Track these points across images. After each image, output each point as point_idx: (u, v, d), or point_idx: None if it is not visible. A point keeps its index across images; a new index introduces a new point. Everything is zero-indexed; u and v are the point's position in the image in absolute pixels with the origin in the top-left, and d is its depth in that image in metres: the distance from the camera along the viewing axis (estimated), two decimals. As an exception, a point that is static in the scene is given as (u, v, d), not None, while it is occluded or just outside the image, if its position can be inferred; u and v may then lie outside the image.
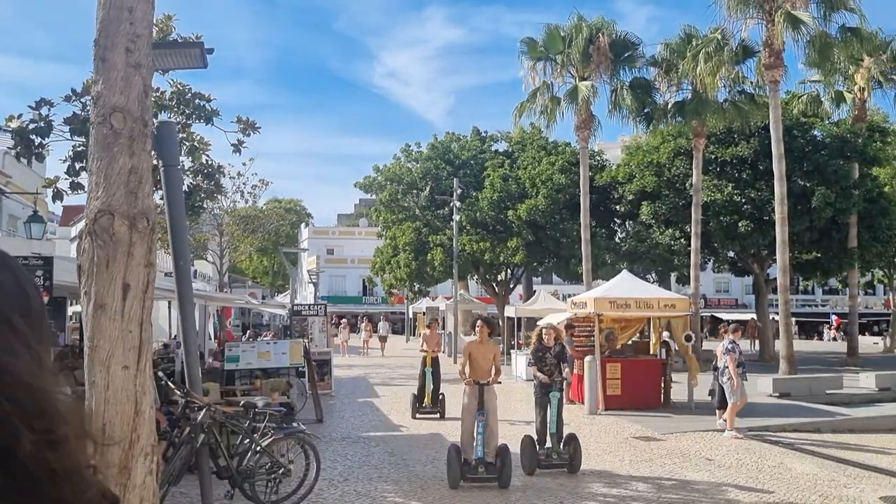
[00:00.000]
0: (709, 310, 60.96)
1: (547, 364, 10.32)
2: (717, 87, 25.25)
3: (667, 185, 30.38)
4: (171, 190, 5.96)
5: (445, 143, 37.22)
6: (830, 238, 30.18)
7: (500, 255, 32.49)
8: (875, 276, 47.53)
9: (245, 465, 7.43)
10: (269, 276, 79.88)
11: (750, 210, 28.53)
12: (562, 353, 10.67)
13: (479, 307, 40.49)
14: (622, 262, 28.98)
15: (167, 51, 6.37)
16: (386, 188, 36.21)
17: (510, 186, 32.20)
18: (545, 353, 10.42)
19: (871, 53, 29.94)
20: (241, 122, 10.46)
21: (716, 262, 36.63)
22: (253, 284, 76.34)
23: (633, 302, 16.54)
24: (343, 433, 12.87)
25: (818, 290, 64.60)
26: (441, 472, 9.29)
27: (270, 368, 14.03)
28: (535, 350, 10.73)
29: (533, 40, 27.90)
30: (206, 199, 12.76)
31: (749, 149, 29.06)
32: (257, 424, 7.85)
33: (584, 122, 27.50)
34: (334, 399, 17.62)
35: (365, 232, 66.47)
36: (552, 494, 8.68)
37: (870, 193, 30.23)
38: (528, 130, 35.65)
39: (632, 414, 15.06)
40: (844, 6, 23.79)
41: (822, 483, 9.38)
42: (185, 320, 6.51)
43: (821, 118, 31.98)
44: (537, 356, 10.57)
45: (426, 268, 34.55)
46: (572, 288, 38.96)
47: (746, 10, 24.14)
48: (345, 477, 9.38)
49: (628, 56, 27.38)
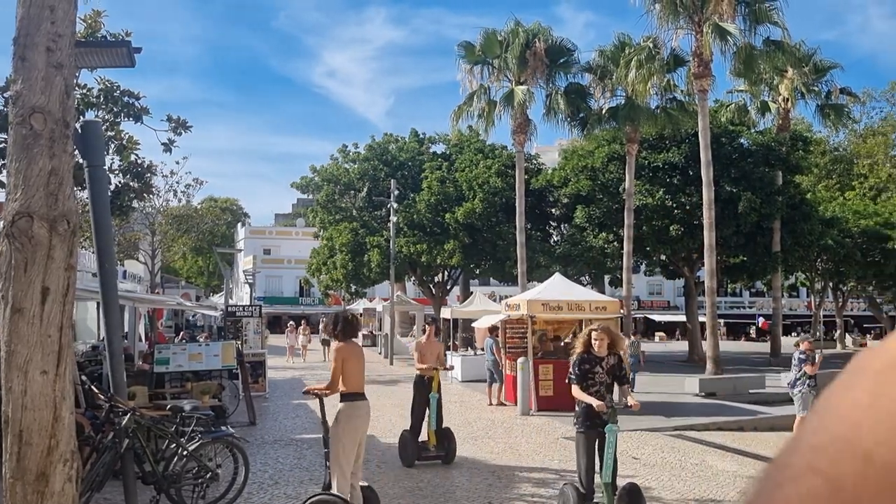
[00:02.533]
0: (642, 312, 62.41)
1: (596, 382, 7.32)
2: (649, 94, 25.91)
3: (601, 190, 30.98)
4: (97, 190, 5.87)
5: (383, 144, 37.20)
6: (756, 242, 31.21)
7: (436, 257, 32.63)
8: (798, 279, 49.37)
9: (171, 470, 7.34)
10: (205, 277, 78.46)
11: (680, 214, 29.31)
12: (619, 367, 7.48)
13: (416, 308, 40.69)
14: (557, 265, 29.43)
15: (93, 49, 6.26)
16: (323, 188, 35.99)
17: (447, 189, 32.38)
18: (595, 366, 7.34)
19: (794, 65, 31.12)
20: (172, 120, 10.29)
21: (648, 265, 37.58)
22: (187, 285, 74.86)
23: (565, 304, 16.83)
24: (276, 436, 12.77)
25: (745, 293, 66.77)
26: (374, 472, 9.33)
27: (202, 371, 13.82)
28: (578, 361, 7.40)
29: (470, 44, 28.13)
30: (135, 199, 12.52)
31: (680, 155, 29.87)
32: (185, 428, 7.76)
33: (520, 126, 27.86)
34: (268, 401, 17.44)
35: (302, 232, 65.88)
36: (481, 494, 8.81)
37: (792, 200, 31.40)
38: (465, 133, 35.93)
39: (563, 414, 15.28)
40: (769, 20, 24.72)
41: (742, 480, 9.73)
42: (110, 323, 6.41)
43: (747, 127, 33.06)
44: (582, 370, 7.33)
45: (363, 269, 34.46)
46: (509, 290, 39.40)
47: (677, 21, 24.84)
48: (275, 480, 9.33)
49: (564, 62, 27.84)
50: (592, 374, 7.30)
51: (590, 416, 7.15)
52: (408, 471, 9.92)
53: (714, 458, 11.33)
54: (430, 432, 10.33)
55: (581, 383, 7.28)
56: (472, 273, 38.18)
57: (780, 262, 32.07)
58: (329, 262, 36.56)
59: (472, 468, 10.15)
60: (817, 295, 47.37)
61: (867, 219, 37.36)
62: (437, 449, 10.25)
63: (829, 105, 34.03)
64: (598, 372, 7.30)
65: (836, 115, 34.48)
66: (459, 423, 14.63)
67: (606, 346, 7.35)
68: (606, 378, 7.33)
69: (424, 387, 10.46)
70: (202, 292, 71.13)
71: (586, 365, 7.32)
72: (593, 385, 7.28)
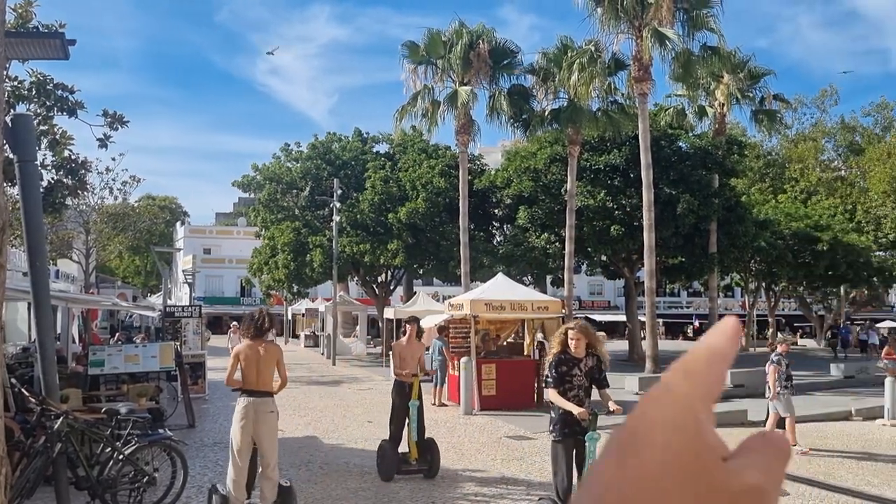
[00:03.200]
0: (583, 311, 63.25)
1: (574, 385, 6.76)
2: (591, 96, 26.28)
3: (543, 191, 31.29)
4: (28, 186, 5.68)
5: (326, 143, 36.88)
6: (693, 243, 31.92)
7: (380, 257, 32.50)
8: (733, 280, 50.76)
9: (106, 475, 7.14)
10: (142, 277, 76.70)
11: (621, 216, 29.78)
12: (598, 369, 6.92)
13: (359, 309, 40.46)
14: (500, 265, 29.61)
15: (24, 40, 6.05)
16: (265, 187, 35.50)
17: (391, 189, 32.28)
18: (573, 368, 6.77)
19: (730, 71, 31.98)
20: (108, 115, 10.04)
21: (589, 266, 38.09)
22: (123, 285, 72.99)
23: (507, 304, 16.96)
24: (216, 438, 12.54)
25: (683, 293, 68.32)
26: (316, 473, 9.25)
27: (139, 373, 13.51)
28: (555, 362, 6.82)
29: (415, 44, 28.11)
30: (69, 196, 12.15)
31: (620, 157, 30.37)
32: (120, 432, 7.56)
33: (463, 126, 27.94)
34: (208, 403, 17.14)
35: (244, 232, 64.93)
36: (424, 493, 8.81)
37: (728, 202, 32.22)
38: (409, 133, 35.88)
39: (506, 414, 15.44)
40: (706, 26, 25.33)
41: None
42: (42, 324, 6.21)
43: (685, 130, 33.79)
44: (559, 372, 6.75)
45: (305, 269, 34.12)
46: (452, 290, 39.50)
47: (618, 25, 25.24)
48: (215, 483, 9.16)
49: (507, 63, 28.04)
50: (570, 376, 6.69)
51: (568, 424, 6.65)
52: (349, 470, 9.85)
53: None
54: (411, 444, 9.44)
55: (559, 387, 6.66)
56: (415, 273, 38.15)
57: (716, 263, 32.88)
58: (271, 261, 36.09)
59: (415, 468, 10.13)
60: (751, 295, 48.76)
61: (798, 221, 38.65)
62: (419, 462, 9.44)
63: (762, 110, 35.02)
64: (576, 374, 6.70)
65: (769, 120, 35.50)
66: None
67: (584, 347, 6.78)
68: (585, 381, 6.76)
69: (405, 394, 9.65)
70: (139, 292, 69.45)
71: (564, 367, 6.69)
72: (571, 389, 6.68)
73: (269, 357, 7.07)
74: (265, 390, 7.02)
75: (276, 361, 7.14)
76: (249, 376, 6.98)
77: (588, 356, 6.81)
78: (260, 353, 7.00)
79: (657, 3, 23.71)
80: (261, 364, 6.99)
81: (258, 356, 7.00)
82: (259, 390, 6.98)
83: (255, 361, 6.99)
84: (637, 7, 24.39)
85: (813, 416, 17.67)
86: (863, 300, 52.85)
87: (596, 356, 6.89)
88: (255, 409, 6.95)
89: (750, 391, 21.16)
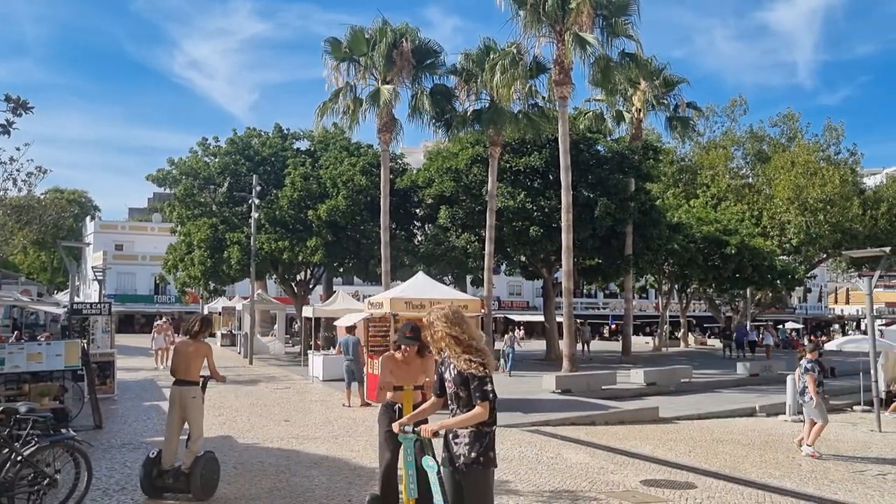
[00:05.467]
0: (502, 311, 64.01)
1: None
2: (512, 98, 26.62)
3: (464, 191, 31.49)
4: (-82, 172, 5.34)
5: (245, 138, 36.17)
6: (610, 245, 32.68)
7: (299, 255, 32.06)
8: (647, 282, 52.20)
9: (3, 477, 6.78)
10: (48, 273, 73.52)
11: (540, 217, 30.24)
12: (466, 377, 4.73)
13: (278, 307, 39.84)
14: (420, 264, 29.65)
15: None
16: (181, 182, 34.52)
17: (311, 186, 31.88)
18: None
19: (647, 78, 32.90)
20: (11, 100, 9.49)
21: (508, 266, 38.57)
22: (28, 281, 69.75)
23: (427, 302, 16.92)
24: (124, 439, 12.10)
25: (600, 294, 69.87)
26: (228, 473, 9.01)
27: (42, 372, 12.90)
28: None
29: (337, 41, 27.86)
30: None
31: (540, 159, 30.82)
32: (19, 432, 7.19)
33: (385, 125, 27.85)
34: (117, 403, 16.54)
35: (158, 228, 63.07)
36: (341, 491, 8.71)
37: (644, 206, 33.13)
38: (330, 130, 35.56)
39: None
40: (624, 33, 26.01)
41: (592, 470, 10.13)
42: (-67, 318, 5.86)
43: (604, 135, 34.60)
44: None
45: (222, 266, 33.37)
46: (372, 289, 39.32)
47: (540, 29, 25.64)
48: (122, 486, 8.83)
49: (430, 63, 28.10)
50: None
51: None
52: (264, 469, 9.65)
53: (568, 451, 11.74)
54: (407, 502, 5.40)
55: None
56: (335, 272, 37.80)
57: (632, 265, 33.76)
58: (187, 258, 35.13)
59: (332, 467, 10.01)
60: (664, 296, 50.24)
61: (709, 225, 40.07)
62: None
63: (676, 117, 36.19)
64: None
65: (682, 126, 36.70)
66: (320, 421, 14.45)
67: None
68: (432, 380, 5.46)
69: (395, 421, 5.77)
70: (45, 289, 66.53)
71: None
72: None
73: (197, 353, 8.32)
74: (190, 380, 8.23)
75: (206, 356, 8.36)
76: (178, 368, 8.28)
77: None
78: (189, 349, 8.31)
79: (578, 9, 24.18)
80: (189, 358, 8.25)
81: (188, 351, 8.30)
82: (185, 379, 8.23)
83: (185, 355, 8.28)
84: (558, 11, 24.82)
85: (719, 412, 18.39)
86: (767, 302, 55.15)
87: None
88: (181, 395, 8.21)
89: (661, 389, 21.88)
